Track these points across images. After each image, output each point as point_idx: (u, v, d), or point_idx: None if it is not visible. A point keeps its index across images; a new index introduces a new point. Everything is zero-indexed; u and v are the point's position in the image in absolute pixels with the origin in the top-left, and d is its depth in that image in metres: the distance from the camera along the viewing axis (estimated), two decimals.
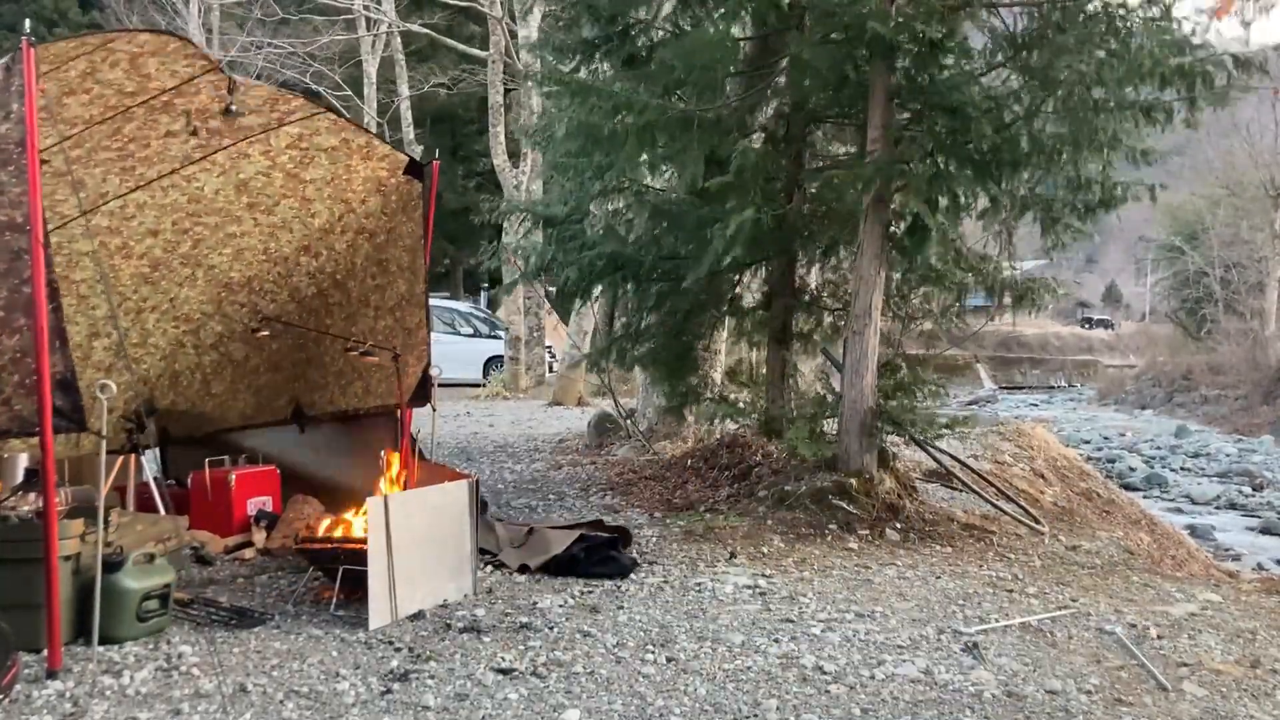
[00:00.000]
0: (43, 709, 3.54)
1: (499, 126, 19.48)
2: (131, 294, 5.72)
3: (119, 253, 5.45)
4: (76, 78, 4.37)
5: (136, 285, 5.70)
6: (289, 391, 6.74)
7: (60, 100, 4.39)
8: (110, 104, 4.58)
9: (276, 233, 5.87)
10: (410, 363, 5.99)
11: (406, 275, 5.96)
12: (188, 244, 5.67)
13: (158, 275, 5.74)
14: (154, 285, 5.78)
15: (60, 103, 4.39)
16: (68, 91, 4.41)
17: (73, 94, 4.44)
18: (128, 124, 4.73)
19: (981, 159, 6.68)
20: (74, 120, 4.56)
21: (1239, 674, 4.25)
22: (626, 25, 7.63)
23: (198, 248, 5.73)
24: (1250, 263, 38.01)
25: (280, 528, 6.13)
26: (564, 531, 5.87)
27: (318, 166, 5.48)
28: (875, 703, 3.79)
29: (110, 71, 4.41)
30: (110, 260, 5.39)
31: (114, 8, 29.11)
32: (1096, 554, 6.72)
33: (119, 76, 4.46)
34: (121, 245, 5.43)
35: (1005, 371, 46.18)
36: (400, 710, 3.62)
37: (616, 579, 5.38)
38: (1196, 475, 18.08)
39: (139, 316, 5.87)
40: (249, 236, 5.83)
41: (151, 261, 5.64)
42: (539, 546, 5.69)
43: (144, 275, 5.68)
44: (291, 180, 5.50)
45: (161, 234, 5.51)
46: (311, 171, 5.50)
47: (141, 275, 5.66)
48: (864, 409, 6.94)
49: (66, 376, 4.51)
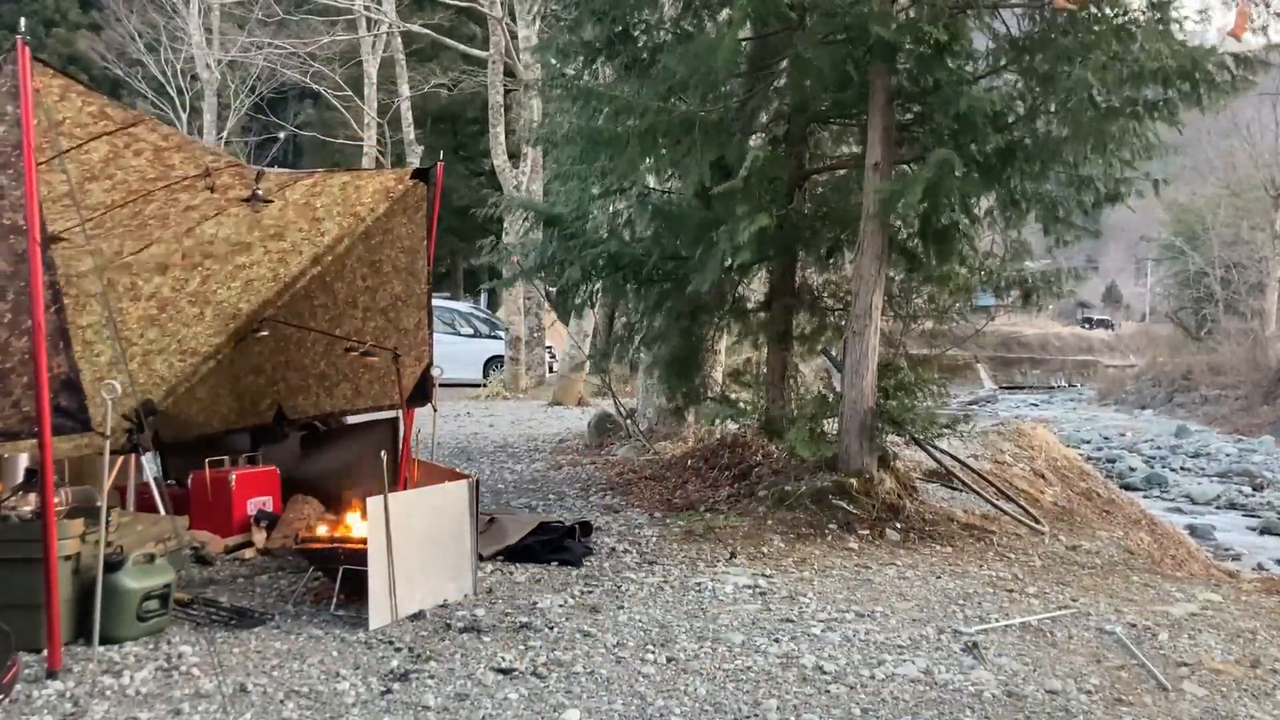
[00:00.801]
0: (43, 709, 3.54)
1: (499, 127, 19.48)
2: (138, 338, 5.63)
3: (127, 294, 5.34)
4: (99, 162, 4.32)
5: (143, 329, 5.59)
6: (270, 395, 6.71)
7: (83, 186, 4.35)
8: (132, 189, 4.55)
9: (286, 257, 5.79)
10: (409, 363, 5.98)
11: (404, 276, 5.94)
12: (197, 280, 5.54)
13: (165, 317, 5.61)
14: (161, 328, 5.66)
15: (83, 189, 4.36)
16: (90, 178, 4.38)
17: (95, 180, 4.39)
18: (148, 204, 4.71)
19: (987, 161, 6.69)
20: (95, 206, 4.53)
21: (1239, 674, 4.24)
22: (628, 27, 7.62)
23: (206, 284, 5.62)
24: (1251, 263, 38.00)
25: (280, 528, 6.13)
26: (522, 523, 6.12)
27: (328, 194, 5.45)
28: (875, 702, 3.79)
29: (133, 160, 4.38)
30: (119, 303, 5.31)
31: (113, 8, 29.14)
32: (1096, 554, 6.72)
33: (142, 165, 4.43)
34: (130, 286, 5.32)
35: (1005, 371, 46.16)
36: (400, 710, 3.62)
37: (569, 566, 5.66)
38: (1196, 475, 18.07)
39: (145, 360, 5.81)
40: (258, 266, 5.73)
41: (159, 302, 5.50)
42: (496, 536, 5.90)
43: (151, 317, 5.55)
44: (302, 208, 5.46)
45: (170, 270, 5.43)
46: (322, 199, 5.47)
47: (149, 318, 5.54)
48: (864, 409, 6.94)
49: (71, 377, 4.51)
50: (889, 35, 6.14)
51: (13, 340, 4.15)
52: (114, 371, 5.17)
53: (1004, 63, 6.92)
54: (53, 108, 3.96)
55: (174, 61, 29.55)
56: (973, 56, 6.96)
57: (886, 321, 7.64)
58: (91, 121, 4.16)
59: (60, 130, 4.04)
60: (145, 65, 29.61)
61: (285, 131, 31.02)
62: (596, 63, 7.91)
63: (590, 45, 7.74)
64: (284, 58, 26.12)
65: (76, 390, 4.56)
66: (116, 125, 4.23)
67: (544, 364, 20.47)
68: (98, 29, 30.88)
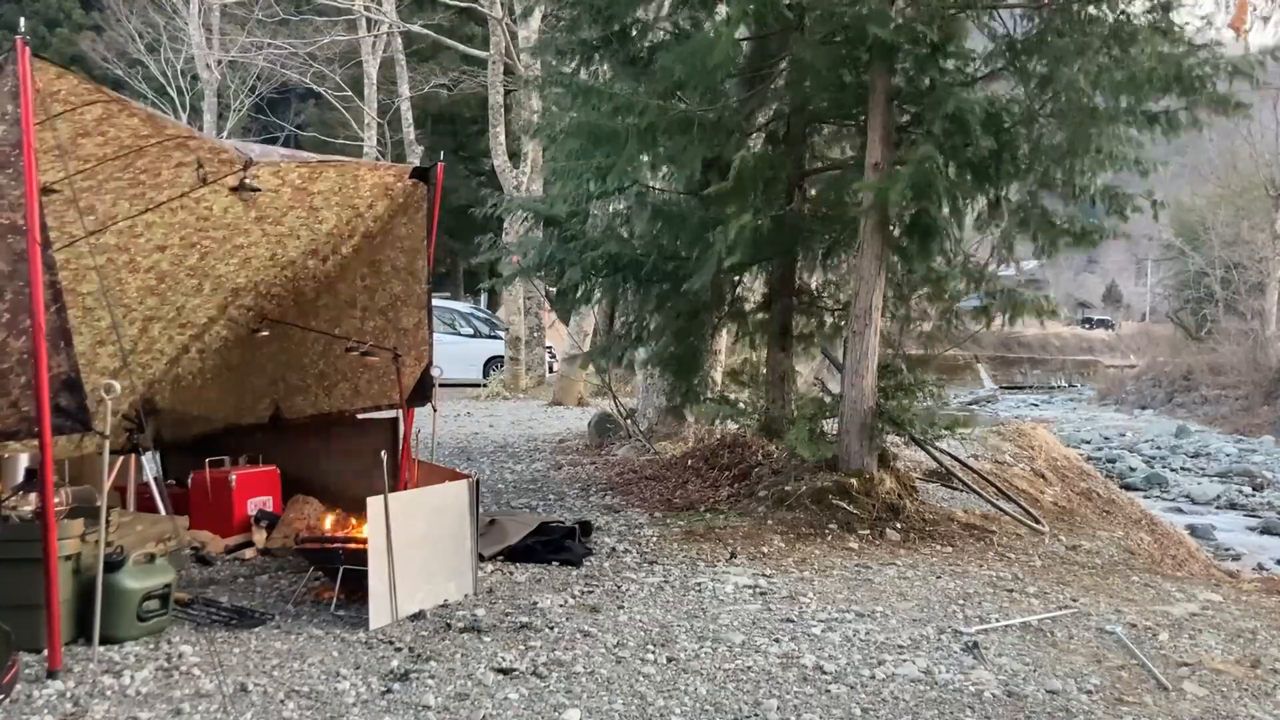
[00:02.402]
0: (43, 709, 3.54)
1: (499, 127, 19.48)
2: (137, 305, 5.69)
3: (126, 267, 5.42)
4: (92, 121, 4.37)
5: (143, 297, 5.67)
6: (270, 394, 6.71)
7: (75, 140, 4.39)
8: (124, 143, 4.59)
9: (284, 240, 5.85)
10: (409, 363, 5.98)
11: (403, 276, 5.94)
12: (195, 256, 5.63)
13: (164, 287, 5.70)
14: (160, 297, 5.75)
15: (75, 142, 4.40)
16: (82, 133, 4.42)
17: (87, 135, 4.44)
18: (140, 158, 4.74)
19: (980, 164, 6.68)
20: (87, 157, 4.57)
21: (1239, 674, 4.24)
22: (626, 26, 7.62)
23: (205, 259, 5.69)
24: (1251, 263, 38.00)
25: (280, 528, 6.13)
26: (522, 523, 6.13)
27: (325, 180, 5.48)
28: (875, 702, 3.79)
29: (126, 120, 4.43)
30: (117, 275, 5.37)
31: (114, 8, 29.14)
32: (1097, 554, 6.72)
33: (135, 124, 4.48)
34: (129, 261, 5.40)
35: (1005, 372, 46.19)
36: (401, 710, 3.62)
37: (569, 566, 5.69)
38: (1197, 475, 18.08)
39: (145, 325, 5.86)
40: (256, 246, 5.80)
41: (158, 274, 5.60)
42: (497, 536, 5.92)
43: (150, 287, 5.64)
44: (299, 193, 5.50)
45: (169, 249, 5.49)
46: (319, 185, 5.50)
47: (148, 288, 5.63)
48: (864, 409, 6.94)
49: (72, 376, 4.51)
50: (887, 36, 6.14)
51: (10, 340, 4.15)
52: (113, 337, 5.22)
53: (1001, 64, 6.92)
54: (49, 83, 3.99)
55: (174, 62, 29.58)
56: (970, 57, 6.96)
57: (886, 322, 7.64)
58: (85, 93, 4.22)
59: (55, 99, 4.06)
60: (146, 65, 29.64)
61: (285, 131, 31.03)
62: (595, 60, 7.91)
63: (588, 43, 7.75)
64: (284, 58, 26.13)
65: (77, 390, 4.56)
66: (110, 99, 4.27)
67: (544, 364, 20.47)
68: (99, 30, 30.89)
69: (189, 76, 29.70)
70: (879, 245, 6.91)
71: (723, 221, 6.77)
